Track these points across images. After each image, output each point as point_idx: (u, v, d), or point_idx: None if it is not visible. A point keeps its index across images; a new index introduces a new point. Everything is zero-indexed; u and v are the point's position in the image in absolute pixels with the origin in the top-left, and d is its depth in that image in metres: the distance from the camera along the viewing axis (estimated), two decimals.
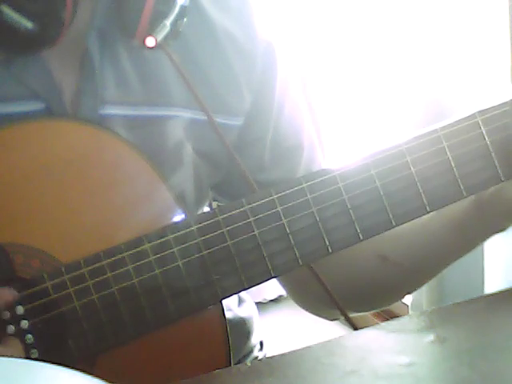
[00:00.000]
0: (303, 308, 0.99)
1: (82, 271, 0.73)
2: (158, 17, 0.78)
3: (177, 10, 0.79)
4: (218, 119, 0.86)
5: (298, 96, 0.96)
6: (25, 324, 0.73)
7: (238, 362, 0.99)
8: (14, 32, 0.75)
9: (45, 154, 0.76)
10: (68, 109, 0.80)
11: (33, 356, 0.73)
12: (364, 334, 0.72)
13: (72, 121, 0.79)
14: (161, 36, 0.79)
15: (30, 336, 0.73)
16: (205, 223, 0.74)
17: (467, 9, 1.71)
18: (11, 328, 0.73)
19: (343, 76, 1.99)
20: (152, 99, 0.84)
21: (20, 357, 0.72)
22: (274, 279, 0.96)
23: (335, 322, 0.99)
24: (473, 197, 0.81)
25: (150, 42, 0.79)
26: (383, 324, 0.72)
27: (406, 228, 0.87)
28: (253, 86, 0.90)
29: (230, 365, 0.77)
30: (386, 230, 0.77)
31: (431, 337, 0.69)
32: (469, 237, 0.84)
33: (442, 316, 0.74)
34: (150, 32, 0.79)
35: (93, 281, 0.73)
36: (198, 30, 0.86)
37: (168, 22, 0.79)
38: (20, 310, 0.73)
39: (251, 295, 1.06)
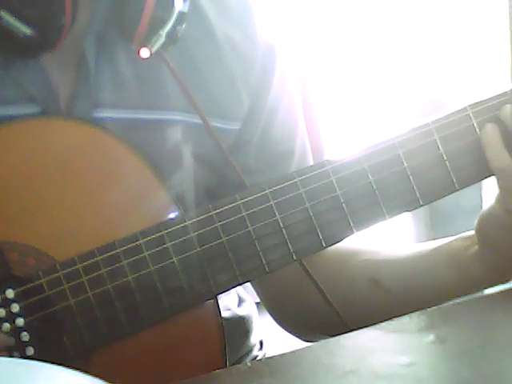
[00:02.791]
0: (280, 326, 0.98)
1: (76, 267, 0.73)
2: (156, 23, 0.78)
3: (174, 17, 0.79)
4: (216, 123, 0.85)
5: (295, 102, 0.95)
6: (20, 322, 0.73)
7: (238, 361, 0.99)
8: (12, 37, 0.75)
9: (41, 153, 0.76)
10: (63, 112, 0.80)
11: (28, 353, 0.74)
12: (364, 333, 0.72)
13: (69, 120, 0.79)
14: (156, 47, 0.79)
15: (25, 333, 0.73)
16: (198, 218, 0.74)
17: (467, 9, 1.71)
18: (6, 326, 0.73)
19: (343, 75, 1.99)
20: (149, 103, 0.84)
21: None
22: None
23: None
24: (474, 237, 0.81)
25: (145, 53, 0.79)
26: (383, 324, 0.72)
27: (404, 257, 0.87)
28: (251, 90, 0.89)
29: (226, 363, 0.77)
30: (379, 223, 0.77)
31: (431, 337, 0.68)
32: (471, 278, 0.82)
33: (442, 316, 0.74)
34: (145, 42, 0.78)
35: (87, 277, 0.73)
36: (197, 33, 0.86)
37: (164, 33, 0.78)
38: (15, 307, 0.73)
39: (251, 295, 1.06)
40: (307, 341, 0.97)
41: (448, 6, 1.73)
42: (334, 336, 0.72)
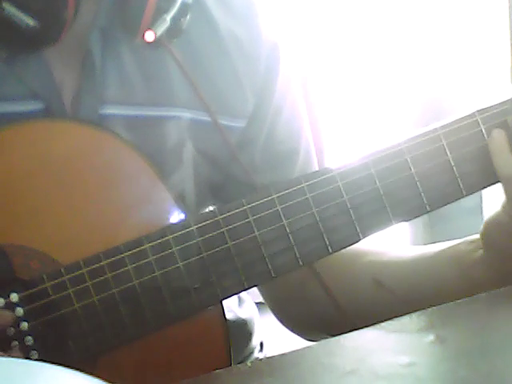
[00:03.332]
0: (283, 325, 0.99)
1: (81, 272, 0.73)
2: (159, 13, 0.79)
3: (178, 5, 0.79)
4: (222, 120, 0.85)
5: (298, 102, 0.95)
6: (24, 326, 0.73)
7: (239, 364, 0.99)
8: (15, 29, 0.75)
9: (45, 155, 0.76)
10: (67, 109, 0.81)
11: (33, 358, 0.73)
12: (364, 333, 0.72)
13: (72, 121, 0.79)
14: (160, 30, 0.79)
15: (29, 338, 0.73)
16: (204, 223, 0.74)
17: (467, 9, 1.71)
18: (11, 330, 0.73)
19: (344, 76, 1.99)
20: (154, 99, 0.84)
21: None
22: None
23: None
24: (479, 241, 0.81)
25: (149, 36, 0.79)
26: (383, 324, 0.72)
27: (408, 259, 0.87)
28: (256, 89, 0.89)
29: (231, 365, 0.77)
30: (385, 229, 0.77)
31: (431, 337, 0.68)
32: (474, 282, 0.82)
33: (441, 316, 0.74)
34: (150, 27, 0.79)
35: (92, 282, 0.73)
36: (202, 30, 0.86)
37: (168, 17, 0.79)
38: (20, 311, 0.73)
39: (251, 295, 1.06)
40: (310, 340, 0.97)
41: (448, 7, 1.73)
42: (336, 335, 0.72)
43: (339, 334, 0.71)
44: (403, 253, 0.89)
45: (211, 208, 0.95)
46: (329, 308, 0.85)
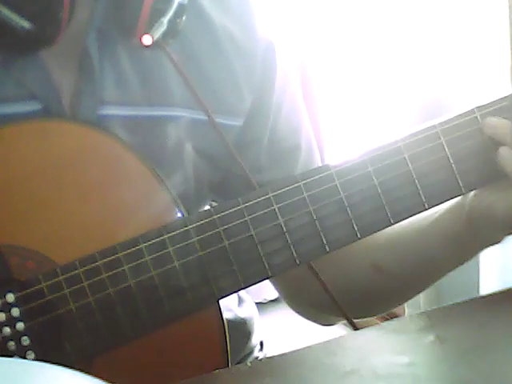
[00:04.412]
0: (296, 312, 0.99)
1: (77, 272, 0.73)
2: (156, 15, 0.79)
3: (174, 7, 0.79)
4: (219, 119, 0.85)
5: (297, 97, 0.96)
6: (21, 326, 0.73)
7: (239, 363, 0.99)
8: (11, 32, 0.75)
9: (42, 155, 0.76)
10: (66, 110, 0.81)
11: (29, 358, 0.73)
12: (364, 333, 0.72)
13: (70, 122, 0.79)
14: (158, 34, 0.79)
15: (25, 338, 0.73)
16: (200, 222, 0.74)
17: (467, 9, 1.71)
18: (7, 330, 0.73)
19: (344, 74, 1.99)
20: (152, 99, 0.84)
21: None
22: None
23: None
24: (464, 215, 0.80)
25: (147, 40, 0.79)
26: (383, 324, 0.72)
27: (401, 239, 0.87)
28: (253, 87, 0.89)
29: (228, 364, 0.77)
30: (383, 228, 0.77)
31: (431, 337, 0.69)
32: (463, 249, 0.83)
33: (441, 316, 0.74)
34: (147, 30, 0.79)
35: (88, 282, 0.73)
36: (197, 29, 0.86)
37: (165, 20, 0.79)
38: (16, 311, 0.73)
39: (251, 295, 1.06)
40: (326, 325, 0.97)
41: (448, 7, 1.73)
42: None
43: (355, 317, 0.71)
44: (399, 232, 0.89)
45: (208, 207, 0.95)
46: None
